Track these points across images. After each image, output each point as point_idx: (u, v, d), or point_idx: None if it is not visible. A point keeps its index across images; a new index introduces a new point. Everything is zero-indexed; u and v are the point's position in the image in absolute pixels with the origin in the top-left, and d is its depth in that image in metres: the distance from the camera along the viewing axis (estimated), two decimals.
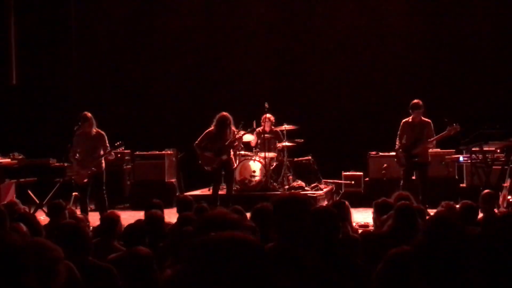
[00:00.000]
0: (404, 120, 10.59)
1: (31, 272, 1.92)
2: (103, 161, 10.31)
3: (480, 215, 6.97)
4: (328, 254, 3.95)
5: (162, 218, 6.12)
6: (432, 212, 7.05)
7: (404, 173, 10.51)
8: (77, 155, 10.20)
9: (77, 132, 10.24)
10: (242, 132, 10.96)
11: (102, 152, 10.20)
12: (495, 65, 14.24)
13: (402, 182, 10.42)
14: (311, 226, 4.10)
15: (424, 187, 10.11)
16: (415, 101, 10.45)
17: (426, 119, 10.45)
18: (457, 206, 6.38)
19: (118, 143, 10.37)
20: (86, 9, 15.43)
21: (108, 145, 10.29)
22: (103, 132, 10.29)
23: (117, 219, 5.69)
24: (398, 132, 10.63)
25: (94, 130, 10.22)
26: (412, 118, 10.43)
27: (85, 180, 10.13)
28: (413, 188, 9.24)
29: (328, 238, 4.07)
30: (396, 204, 5.33)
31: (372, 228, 6.87)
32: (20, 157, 11.37)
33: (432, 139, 10.32)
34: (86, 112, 10.23)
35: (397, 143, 10.64)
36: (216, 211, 2.86)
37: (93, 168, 10.09)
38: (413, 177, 10.53)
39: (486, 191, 7.34)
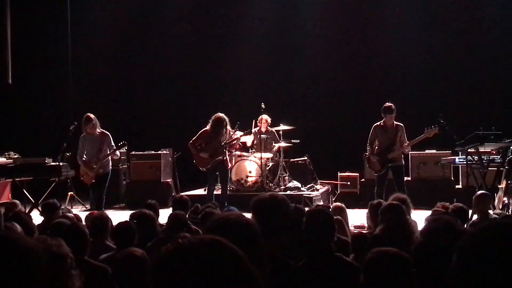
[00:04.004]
0: (375, 125, 10.35)
1: (43, 276, 1.72)
2: (110, 161, 10.50)
3: (474, 216, 6.98)
4: (323, 255, 3.94)
5: (153, 217, 6.08)
6: (423, 212, 7.01)
7: (378, 178, 10.30)
8: (84, 156, 10.33)
9: (82, 134, 10.38)
10: (238, 133, 10.94)
11: (108, 152, 10.31)
12: (492, 66, 14.27)
13: (376, 188, 10.20)
14: (306, 227, 4.09)
15: (402, 190, 9.98)
16: (388, 104, 10.15)
17: (399, 123, 10.23)
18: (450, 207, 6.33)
19: (121, 143, 10.49)
20: (83, 9, 15.40)
21: (113, 144, 10.39)
22: (107, 132, 10.41)
23: (106, 218, 5.66)
24: (369, 137, 10.40)
25: (99, 131, 10.33)
26: (384, 122, 10.20)
27: (93, 181, 10.36)
28: (389, 192, 9.02)
29: (323, 239, 4.05)
30: (384, 204, 5.26)
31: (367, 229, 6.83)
32: (16, 156, 11.33)
33: (409, 142, 10.12)
34: (88, 114, 10.34)
35: (368, 148, 10.43)
36: (227, 214, 2.42)
37: (100, 170, 10.26)
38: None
39: (480, 192, 7.30)
